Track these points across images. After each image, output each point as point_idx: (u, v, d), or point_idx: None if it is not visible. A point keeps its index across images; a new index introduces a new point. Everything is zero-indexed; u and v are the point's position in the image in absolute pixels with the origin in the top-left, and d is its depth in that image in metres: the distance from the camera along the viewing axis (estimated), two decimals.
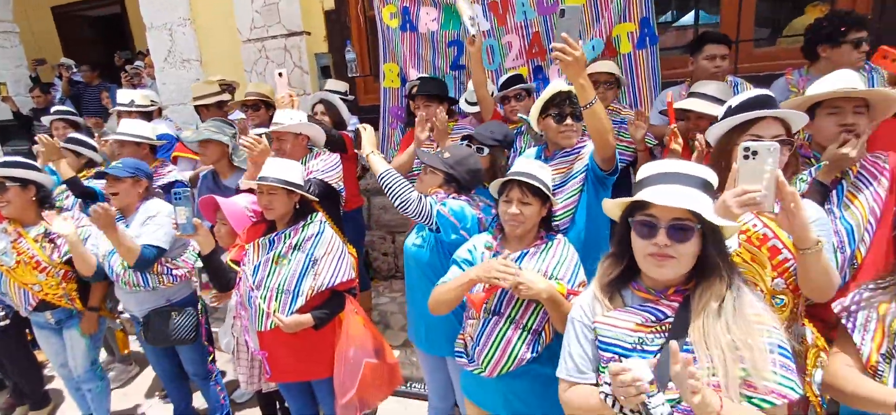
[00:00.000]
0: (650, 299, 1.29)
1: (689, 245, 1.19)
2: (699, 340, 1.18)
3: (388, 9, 3.86)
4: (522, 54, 3.63)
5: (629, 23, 3.35)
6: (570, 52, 1.79)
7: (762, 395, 1.14)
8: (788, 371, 1.16)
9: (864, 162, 1.80)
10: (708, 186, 1.25)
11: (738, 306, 1.19)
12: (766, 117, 1.59)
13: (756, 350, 1.14)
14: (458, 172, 2.11)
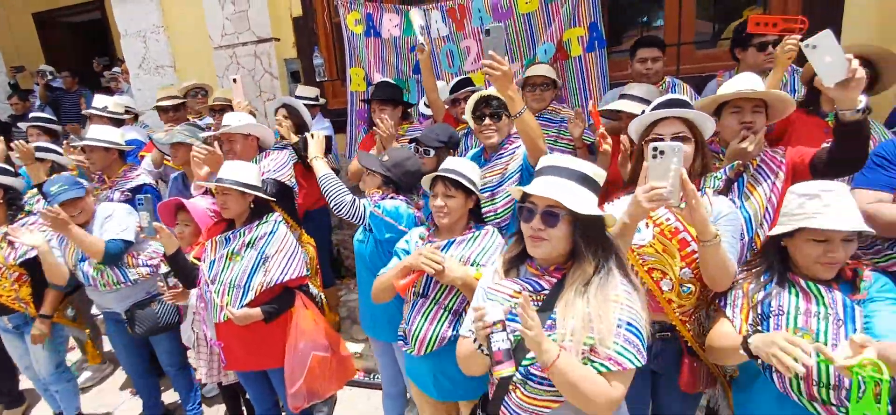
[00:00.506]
0: (536, 274, 1.47)
1: (558, 230, 1.37)
2: (562, 310, 1.37)
3: (352, 15, 4.01)
4: (480, 58, 3.78)
5: (579, 27, 3.51)
6: (497, 68, 1.94)
7: (601, 360, 1.32)
8: (630, 345, 1.33)
9: (764, 156, 1.96)
10: (586, 179, 1.41)
11: (602, 287, 1.36)
12: (669, 117, 1.74)
13: (605, 323, 1.32)
14: (395, 175, 2.26)
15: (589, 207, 1.35)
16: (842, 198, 1.47)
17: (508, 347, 1.30)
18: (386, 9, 3.90)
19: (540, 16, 3.57)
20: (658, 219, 1.72)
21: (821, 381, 1.46)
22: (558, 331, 1.36)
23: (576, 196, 1.36)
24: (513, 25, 3.64)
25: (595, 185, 1.43)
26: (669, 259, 1.70)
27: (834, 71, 1.56)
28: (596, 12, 3.44)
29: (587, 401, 1.31)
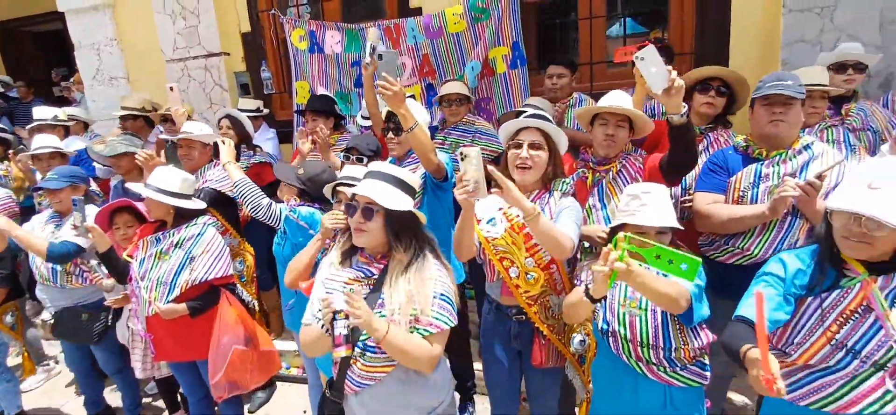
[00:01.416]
0: (366, 262, 1.74)
1: (374, 222, 1.64)
2: (388, 290, 1.65)
3: (297, 32, 4.26)
4: (415, 73, 4.06)
5: (503, 47, 3.82)
6: (389, 88, 2.21)
7: (424, 326, 1.61)
8: (444, 310, 1.64)
9: (625, 162, 2.26)
10: (401, 183, 1.70)
11: (419, 269, 1.66)
12: (528, 127, 2.02)
13: (423, 297, 1.62)
14: (310, 187, 2.49)
15: (399, 204, 1.63)
16: (658, 199, 1.75)
17: (346, 332, 1.59)
18: (328, 27, 4.16)
19: (468, 36, 3.86)
20: (510, 216, 2.00)
21: (642, 341, 1.73)
22: (387, 307, 1.63)
23: (388, 196, 1.63)
24: (444, 44, 3.93)
25: (409, 188, 1.72)
26: (517, 250, 1.98)
27: (658, 80, 1.87)
28: (517, 33, 3.75)
29: (415, 361, 1.62)
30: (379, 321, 1.56)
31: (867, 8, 2.99)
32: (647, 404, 1.80)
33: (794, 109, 2.08)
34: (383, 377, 1.68)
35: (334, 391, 1.77)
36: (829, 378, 1.45)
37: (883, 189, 1.33)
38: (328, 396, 1.81)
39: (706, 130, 2.54)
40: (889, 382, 1.37)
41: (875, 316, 1.37)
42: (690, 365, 1.76)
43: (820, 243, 1.49)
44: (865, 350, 1.38)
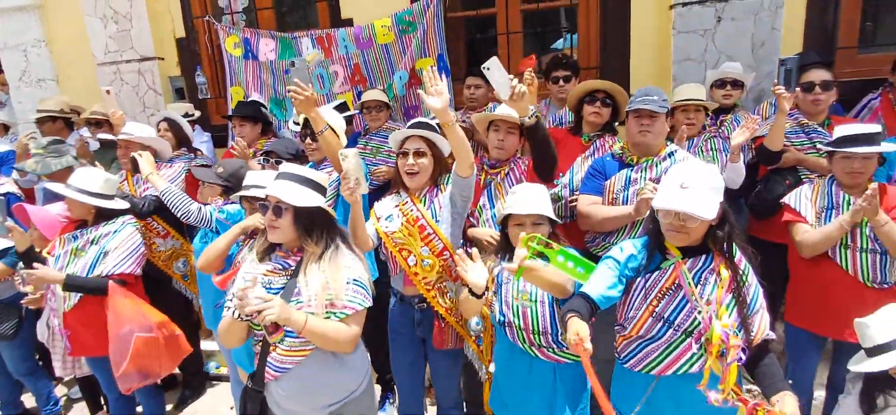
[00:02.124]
0: (283, 256, 1.88)
1: (285, 219, 1.79)
2: (303, 280, 1.80)
3: (231, 39, 4.35)
4: (347, 81, 4.23)
5: (429, 58, 4.05)
6: (300, 93, 2.38)
7: (339, 309, 1.77)
8: (357, 294, 1.80)
9: (514, 166, 2.51)
10: (311, 182, 1.85)
11: (333, 258, 1.82)
12: (413, 135, 2.24)
13: (338, 283, 1.77)
14: (232, 183, 2.62)
15: (307, 201, 1.78)
16: (529, 193, 1.97)
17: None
18: (262, 35, 4.28)
19: (396, 47, 4.07)
20: (406, 212, 2.21)
21: (534, 328, 1.94)
22: (304, 295, 1.78)
23: (296, 194, 1.78)
24: (374, 54, 4.13)
25: (319, 186, 1.87)
26: (413, 241, 2.19)
27: (503, 88, 2.14)
28: (442, 46, 4.00)
29: (337, 343, 1.79)
30: (296, 313, 1.70)
31: (741, 32, 3.39)
32: (539, 380, 2.01)
33: (658, 121, 2.38)
34: (302, 360, 1.81)
35: (256, 381, 1.91)
36: (653, 346, 1.72)
37: (691, 188, 1.62)
38: (250, 386, 1.94)
39: (594, 136, 2.83)
40: (695, 345, 1.65)
41: (684, 292, 1.65)
42: None
43: (649, 234, 1.77)
44: (677, 320, 1.66)
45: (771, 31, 3.36)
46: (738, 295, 1.63)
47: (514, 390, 2.05)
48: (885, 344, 1.67)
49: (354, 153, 2.02)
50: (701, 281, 1.66)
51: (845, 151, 2.14)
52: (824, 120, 2.78)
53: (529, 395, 2.00)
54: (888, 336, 1.67)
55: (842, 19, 3.43)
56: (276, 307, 1.64)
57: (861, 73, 3.45)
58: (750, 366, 1.68)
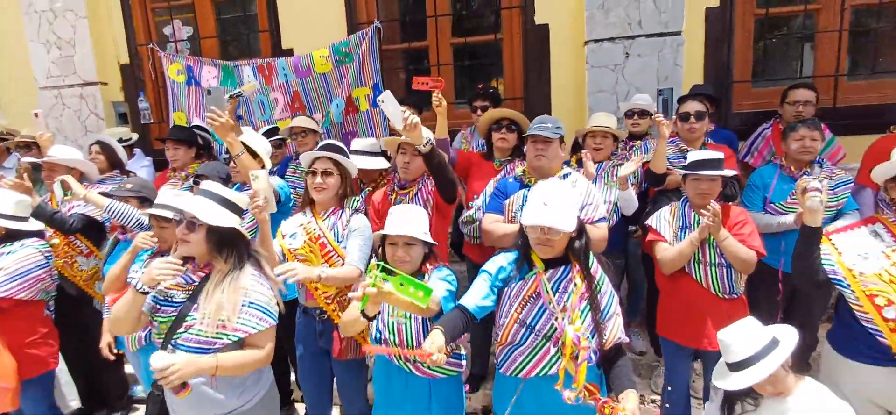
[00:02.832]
0: (191, 270, 1.95)
1: (196, 235, 1.86)
2: (203, 297, 1.88)
3: (174, 66, 4.46)
4: (287, 108, 4.37)
5: (365, 87, 4.24)
6: (217, 119, 2.51)
7: (229, 331, 1.84)
8: (252, 316, 1.86)
9: (422, 186, 2.68)
10: (227, 202, 1.94)
11: (234, 279, 1.88)
12: (322, 157, 2.40)
13: (232, 306, 1.84)
14: (146, 193, 2.72)
15: (220, 220, 1.87)
16: (402, 215, 2.08)
17: None
18: (205, 62, 4.40)
19: (334, 75, 4.25)
20: (309, 231, 2.35)
21: (408, 344, 2.06)
22: (200, 313, 1.86)
23: (210, 212, 1.87)
24: (312, 82, 4.29)
25: (235, 207, 1.98)
26: (314, 258, 2.32)
27: (396, 119, 2.32)
28: (377, 75, 4.19)
29: (254, 365, 1.89)
30: (203, 361, 1.77)
31: (647, 66, 3.68)
32: (415, 396, 2.12)
33: (552, 146, 2.58)
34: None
35: (158, 387, 1.98)
36: (519, 350, 1.87)
37: (551, 205, 1.80)
38: (154, 392, 2.02)
39: (505, 161, 3.02)
40: (553, 348, 1.81)
41: (543, 300, 1.82)
42: (448, 358, 2.12)
43: (518, 249, 1.95)
44: (538, 326, 1.82)
45: (673, 66, 3.66)
46: (593, 302, 1.81)
47: (392, 406, 2.16)
48: (745, 360, 1.79)
49: (264, 175, 2.15)
50: (560, 289, 1.83)
51: (695, 173, 2.38)
52: (701, 146, 3.04)
53: (406, 411, 2.12)
54: (748, 352, 1.78)
55: (736, 56, 3.77)
56: (180, 368, 1.69)
57: (756, 104, 3.78)
58: (605, 367, 1.85)
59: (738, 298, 2.44)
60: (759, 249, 2.34)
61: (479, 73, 4.49)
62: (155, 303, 1.92)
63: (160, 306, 1.91)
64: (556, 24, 3.94)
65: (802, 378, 1.83)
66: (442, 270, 2.12)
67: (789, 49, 4.21)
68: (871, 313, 1.83)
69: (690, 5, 3.67)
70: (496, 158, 3.08)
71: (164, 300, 1.90)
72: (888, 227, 1.90)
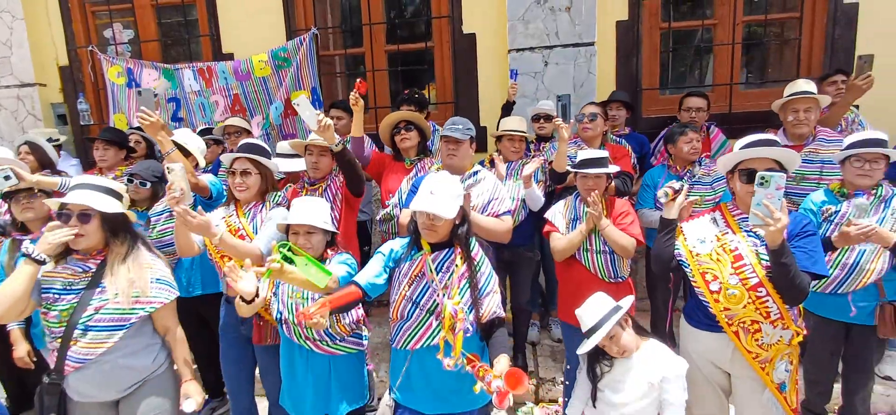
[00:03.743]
0: (81, 259, 2.08)
1: (91, 226, 2.02)
2: (109, 278, 2.03)
3: (114, 69, 4.54)
4: (227, 110, 4.49)
5: (303, 91, 4.41)
6: (147, 119, 2.65)
7: (145, 304, 2.02)
8: (162, 290, 2.06)
9: (330, 183, 2.87)
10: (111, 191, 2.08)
11: (136, 258, 2.08)
12: (239, 158, 2.57)
13: (143, 281, 2.03)
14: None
15: (112, 207, 2.04)
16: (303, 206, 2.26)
17: None
18: (145, 65, 4.50)
19: (273, 79, 4.41)
20: (230, 224, 2.52)
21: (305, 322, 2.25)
22: (110, 291, 2.01)
23: (101, 200, 2.03)
24: (252, 86, 4.44)
25: (117, 193, 2.11)
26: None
27: (311, 122, 2.52)
28: (315, 79, 4.38)
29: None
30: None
31: (564, 74, 3.98)
32: (316, 373, 2.29)
33: (462, 146, 2.81)
34: (104, 351, 2.00)
35: (55, 374, 2.06)
36: (407, 324, 2.08)
37: (437, 194, 2.03)
38: (48, 380, 2.07)
39: (415, 160, 3.22)
40: (435, 322, 2.03)
41: (426, 278, 2.05)
42: (348, 337, 2.31)
43: (410, 233, 2.17)
44: (422, 301, 2.04)
45: (587, 74, 3.98)
46: (472, 281, 2.04)
47: (296, 384, 2.33)
48: (592, 327, 2.09)
49: (180, 167, 2.29)
50: (443, 269, 2.06)
51: (582, 171, 2.66)
52: (600, 145, 3.34)
53: (308, 388, 2.29)
54: (594, 320, 2.09)
55: (644, 66, 4.12)
56: None
57: (663, 110, 4.13)
58: (486, 338, 2.09)
59: (623, 282, 2.72)
60: (638, 237, 2.63)
61: (414, 78, 4.73)
62: (54, 294, 2.02)
63: (59, 296, 2.02)
64: (482, 33, 4.20)
65: (646, 339, 2.13)
66: (342, 255, 2.31)
67: (694, 60, 4.60)
68: (703, 287, 2.12)
69: (602, 19, 3.99)
70: (406, 158, 3.27)
71: (63, 290, 2.02)
72: (725, 214, 2.20)
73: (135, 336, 2.09)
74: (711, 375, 2.25)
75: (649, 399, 2.04)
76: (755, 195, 1.87)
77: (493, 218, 2.78)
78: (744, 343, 2.09)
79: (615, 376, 2.12)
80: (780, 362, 2.13)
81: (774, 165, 2.04)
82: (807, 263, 2.00)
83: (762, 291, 2.03)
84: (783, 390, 2.14)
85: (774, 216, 1.83)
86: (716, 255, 2.10)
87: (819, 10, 3.85)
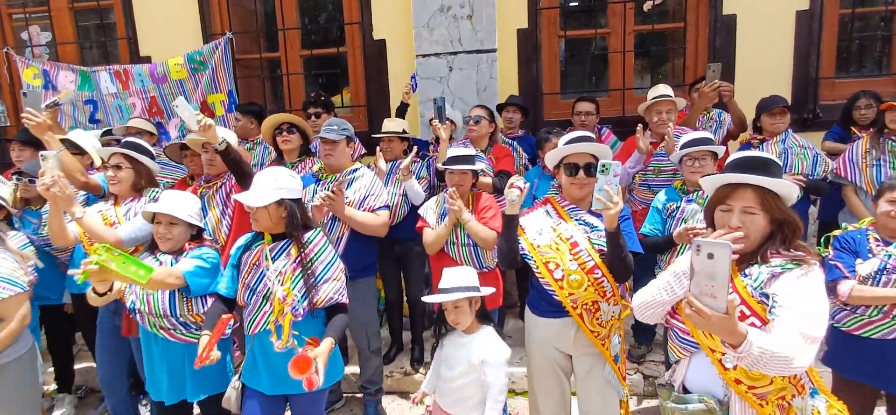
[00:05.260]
0: None
1: None
2: None
3: (30, 70, 4.57)
4: (145, 112, 4.56)
5: (220, 93, 4.50)
6: (33, 119, 2.71)
7: None
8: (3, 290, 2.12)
9: (227, 181, 2.98)
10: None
11: None
12: (115, 153, 2.66)
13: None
14: None
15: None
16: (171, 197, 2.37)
17: None
18: (62, 67, 4.54)
19: (190, 82, 4.49)
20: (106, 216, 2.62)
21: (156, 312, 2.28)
22: None
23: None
24: (169, 88, 4.51)
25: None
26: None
27: (191, 122, 2.62)
28: (231, 82, 4.48)
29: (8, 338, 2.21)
30: None
31: (468, 79, 4.15)
32: (172, 360, 2.37)
33: (339, 146, 2.94)
34: None
35: None
36: (247, 311, 2.18)
37: (255, 185, 2.14)
38: None
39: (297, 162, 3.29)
40: (268, 307, 2.13)
41: (262, 267, 2.16)
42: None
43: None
44: (258, 288, 2.15)
45: (489, 79, 4.15)
46: (305, 269, 2.16)
47: (153, 370, 2.42)
48: (447, 288, 2.21)
49: (54, 155, 2.35)
50: (280, 258, 2.17)
51: (449, 167, 2.81)
52: (487, 146, 3.51)
53: (163, 375, 2.38)
54: (451, 284, 2.21)
55: (544, 72, 4.31)
56: None
57: (564, 114, 4.31)
58: (329, 319, 2.20)
59: (490, 272, 2.87)
60: (498, 230, 2.77)
61: (329, 82, 4.85)
62: None
63: None
64: (391, 39, 4.36)
65: (485, 326, 2.28)
66: (201, 249, 2.41)
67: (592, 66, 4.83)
68: (546, 276, 2.26)
69: (503, 26, 4.17)
70: (287, 161, 3.31)
71: None
72: (555, 206, 2.36)
73: None
74: (555, 359, 2.38)
75: (470, 378, 2.19)
76: (598, 182, 1.99)
77: (369, 212, 2.91)
78: (587, 324, 2.23)
79: (448, 352, 2.29)
80: (614, 336, 2.29)
81: (592, 159, 2.21)
82: (629, 243, 2.18)
83: (598, 272, 2.18)
84: (617, 361, 2.30)
85: (613, 200, 1.98)
86: (555, 245, 2.24)
87: (701, 20, 4.09)
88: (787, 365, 1.27)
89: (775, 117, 3.35)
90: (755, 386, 1.42)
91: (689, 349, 1.58)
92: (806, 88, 4.04)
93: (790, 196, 1.52)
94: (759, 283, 1.43)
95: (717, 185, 1.59)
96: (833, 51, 4.06)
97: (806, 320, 1.32)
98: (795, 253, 1.45)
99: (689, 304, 1.26)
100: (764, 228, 1.49)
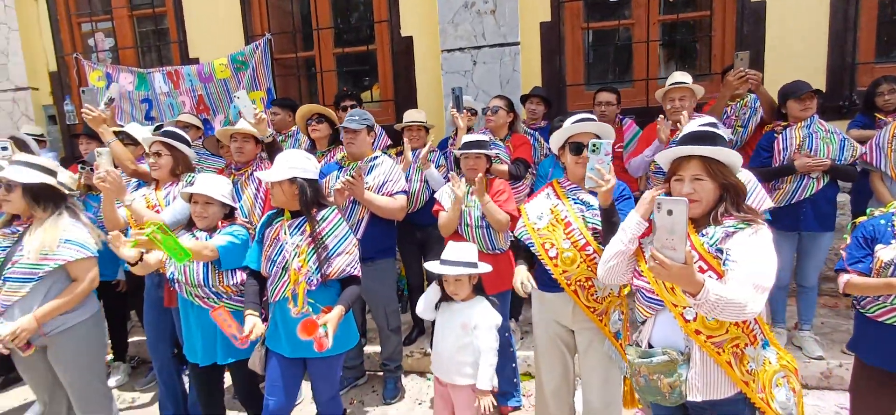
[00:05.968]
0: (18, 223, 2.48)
1: (14, 194, 2.41)
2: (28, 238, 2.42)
3: (95, 73, 5.05)
4: (193, 109, 4.95)
5: (260, 91, 4.82)
6: (90, 114, 3.05)
7: (50, 261, 2.38)
8: (69, 248, 2.42)
9: (256, 166, 3.23)
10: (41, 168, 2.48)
11: (54, 222, 2.44)
12: (155, 141, 2.95)
13: (52, 241, 2.39)
14: None
15: (31, 179, 2.42)
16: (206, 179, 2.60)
17: None
18: (122, 69, 5.00)
19: (233, 81, 4.84)
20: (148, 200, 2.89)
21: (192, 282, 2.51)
22: (26, 250, 2.40)
23: (24, 174, 2.43)
24: (214, 87, 4.88)
25: (48, 170, 2.50)
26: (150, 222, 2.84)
27: (248, 113, 2.88)
28: (270, 80, 4.79)
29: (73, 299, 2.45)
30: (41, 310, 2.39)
31: (491, 72, 4.25)
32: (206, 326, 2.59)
33: (360, 134, 3.13)
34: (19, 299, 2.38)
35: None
36: (269, 280, 2.39)
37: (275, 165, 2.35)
38: None
39: (325, 151, 3.53)
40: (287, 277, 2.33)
41: (281, 240, 2.36)
42: (235, 296, 2.61)
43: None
44: (278, 260, 2.35)
45: (512, 71, 4.24)
46: (318, 243, 2.34)
47: (190, 334, 2.66)
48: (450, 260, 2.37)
49: (106, 152, 2.67)
50: (297, 233, 2.37)
51: (463, 152, 2.92)
52: (506, 135, 3.60)
53: (198, 339, 2.62)
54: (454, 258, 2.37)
55: (568, 64, 4.35)
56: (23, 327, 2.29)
57: (587, 105, 4.33)
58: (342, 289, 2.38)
59: (502, 254, 2.97)
60: (513, 213, 2.87)
61: (360, 78, 5.08)
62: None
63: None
64: (418, 35, 4.53)
65: (480, 300, 2.39)
66: (233, 227, 2.64)
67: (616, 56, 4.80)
68: (543, 255, 2.35)
69: (526, 20, 4.26)
70: (318, 150, 3.56)
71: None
72: (555, 189, 2.43)
73: (51, 287, 2.45)
74: (558, 334, 2.46)
75: (463, 342, 2.33)
76: (589, 160, 2.07)
77: (387, 197, 3.08)
78: (582, 300, 2.31)
79: (441, 322, 2.45)
80: (614, 313, 2.35)
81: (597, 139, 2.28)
82: None
83: (589, 249, 2.25)
84: (618, 338, 2.35)
85: (605, 178, 2.05)
86: (551, 225, 2.33)
87: (729, 8, 4.02)
88: (741, 311, 1.42)
89: (804, 102, 3.25)
90: (713, 335, 1.55)
91: (654, 307, 1.69)
92: (842, 75, 3.89)
93: (733, 163, 1.69)
94: (714, 240, 1.58)
95: (671, 159, 1.75)
96: (872, 34, 3.88)
97: (756, 273, 1.46)
98: (745, 215, 1.60)
99: (652, 257, 1.37)
100: (712, 192, 1.66)
